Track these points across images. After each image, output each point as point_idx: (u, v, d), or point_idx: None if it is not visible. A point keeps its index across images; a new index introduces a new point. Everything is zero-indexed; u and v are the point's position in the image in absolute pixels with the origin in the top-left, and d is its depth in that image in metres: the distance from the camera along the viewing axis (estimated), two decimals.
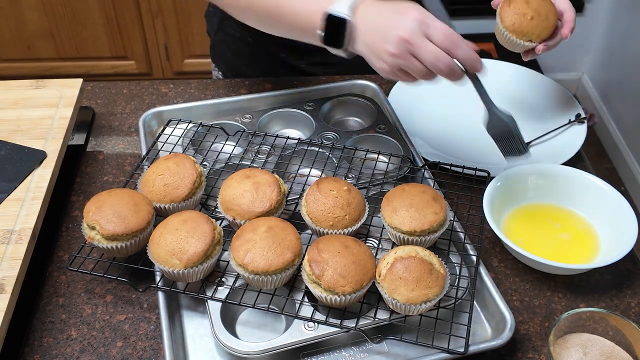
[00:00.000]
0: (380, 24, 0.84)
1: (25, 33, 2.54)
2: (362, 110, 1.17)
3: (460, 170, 1.00)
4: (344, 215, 0.86)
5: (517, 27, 0.99)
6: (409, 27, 0.81)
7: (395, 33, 0.82)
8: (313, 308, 0.80)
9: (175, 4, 2.46)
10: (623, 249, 0.87)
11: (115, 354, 0.82)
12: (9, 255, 0.86)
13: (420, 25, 0.81)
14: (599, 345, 0.77)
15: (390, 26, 0.82)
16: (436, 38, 0.81)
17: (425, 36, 0.81)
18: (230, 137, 1.07)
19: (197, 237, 0.81)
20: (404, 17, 0.82)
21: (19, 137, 1.04)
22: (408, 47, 0.82)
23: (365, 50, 0.87)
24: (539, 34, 0.99)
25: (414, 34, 0.81)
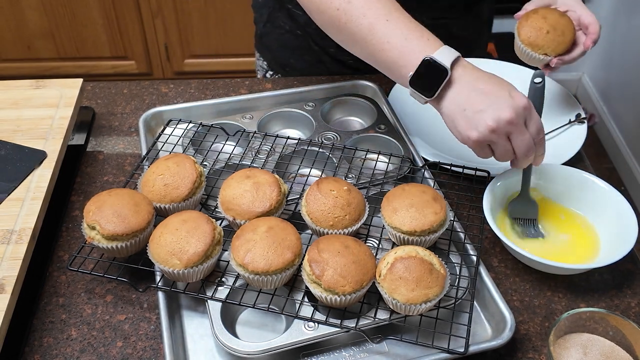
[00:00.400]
0: (488, 95, 0.84)
1: (25, 33, 2.54)
2: (363, 110, 1.17)
3: (461, 170, 1.00)
4: (344, 215, 0.86)
5: (533, 40, 1.03)
6: (516, 111, 0.82)
7: (501, 111, 0.82)
8: (313, 308, 0.80)
9: (175, 4, 2.46)
10: (623, 249, 0.87)
11: (115, 354, 0.82)
12: (9, 255, 0.86)
13: (525, 111, 0.83)
14: (599, 345, 0.77)
15: (499, 102, 0.83)
16: (532, 130, 0.85)
17: (525, 124, 0.84)
18: (231, 137, 1.07)
19: (197, 237, 0.81)
20: (513, 98, 0.83)
21: (19, 137, 1.04)
22: (509, 129, 0.83)
23: (456, 111, 0.86)
24: (554, 48, 1.02)
25: (519, 119, 0.83)
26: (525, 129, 0.84)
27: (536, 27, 1.03)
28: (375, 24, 0.91)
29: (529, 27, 1.04)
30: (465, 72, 0.85)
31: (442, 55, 0.85)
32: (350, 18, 0.92)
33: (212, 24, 2.53)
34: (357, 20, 0.92)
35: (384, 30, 0.90)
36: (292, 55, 1.33)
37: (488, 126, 0.83)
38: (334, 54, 1.28)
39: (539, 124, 0.85)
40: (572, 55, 1.04)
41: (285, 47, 1.33)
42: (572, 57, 1.04)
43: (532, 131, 0.85)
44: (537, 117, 0.85)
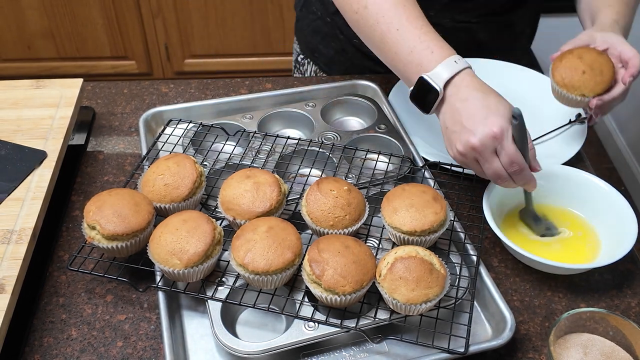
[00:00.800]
0: (461, 117, 0.86)
1: (25, 33, 2.54)
2: (363, 110, 1.17)
3: (461, 170, 1.00)
4: (344, 215, 0.86)
5: (568, 81, 0.98)
6: (481, 140, 0.83)
7: (469, 136, 0.84)
8: (313, 308, 0.80)
9: (175, 4, 2.46)
10: (623, 248, 0.87)
11: (115, 353, 0.82)
12: (9, 255, 0.86)
13: (494, 141, 0.83)
14: (599, 346, 0.77)
15: (468, 127, 0.85)
16: (503, 160, 0.85)
17: (495, 152, 0.84)
18: (231, 137, 1.07)
19: (197, 237, 0.81)
20: (487, 125, 0.83)
21: (19, 137, 1.04)
22: (474, 154, 0.85)
23: (443, 126, 0.90)
24: (592, 89, 0.97)
25: (483, 147, 0.84)
26: (493, 156, 0.85)
27: (571, 68, 0.98)
28: (386, 33, 0.92)
29: (564, 68, 0.99)
30: (458, 90, 0.87)
31: (438, 72, 0.87)
32: (366, 23, 0.95)
33: (213, 24, 2.53)
34: (371, 27, 0.94)
35: (394, 39, 0.92)
36: (321, 42, 1.34)
37: (457, 149, 0.87)
38: (358, 45, 1.29)
39: (511, 156, 0.83)
40: (612, 94, 0.97)
41: (316, 32, 1.34)
42: (612, 97, 0.97)
43: (503, 162, 0.85)
44: (511, 149, 0.83)
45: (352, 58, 1.32)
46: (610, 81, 0.96)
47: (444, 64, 0.87)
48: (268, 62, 2.66)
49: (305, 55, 1.41)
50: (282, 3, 2.47)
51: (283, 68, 2.64)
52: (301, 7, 1.37)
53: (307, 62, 1.41)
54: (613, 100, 0.97)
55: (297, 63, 1.45)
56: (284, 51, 2.62)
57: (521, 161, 0.84)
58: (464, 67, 0.88)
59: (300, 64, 1.44)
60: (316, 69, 1.40)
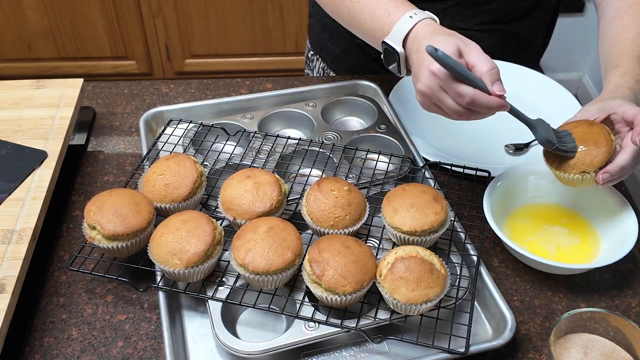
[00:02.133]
0: (414, 67, 0.86)
1: (25, 33, 2.53)
2: (363, 110, 1.17)
3: (461, 170, 1.00)
4: (344, 215, 0.86)
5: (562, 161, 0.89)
6: (425, 82, 0.83)
7: (416, 85, 0.85)
8: (314, 308, 0.80)
9: (176, 4, 2.46)
10: (623, 248, 0.87)
11: (115, 353, 0.82)
12: (9, 255, 0.86)
13: (435, 80, 0.82)
14: (600, 346, 0.77)
15: (416, 75, 0.85)
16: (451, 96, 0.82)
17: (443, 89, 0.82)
18: (231, 137, 1.07)
19: (197, 237, 0.81)
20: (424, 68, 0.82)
21: (19, 137, 1.04)
22: (430, 99, 0.84)
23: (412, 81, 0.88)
24: (590, 163, 0.86)
25: (431, 90, 0.83)
26: (444, 96, 0.82)
27: None
28: (351, 8, 0.94)
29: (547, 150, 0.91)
30: (414, 43, 0.87)
31: (395, 33, 0.88)
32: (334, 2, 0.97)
33: (213, 24, 2.53)
34: (338, 5, 0.96)
35: (358, 12, 0.93)
36: (329, 39, 1.35)
37: (417, 96, 0.87)
38: (361, 45, 1.29)
39: (454, 89, 0.80)
40: (619, 164, 0.86)
41: (325, 30, 1.35)
42: (619, 166, 0.86)
43: (452, 97, 0.82)
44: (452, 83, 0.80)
45: (356, 57, 1.32)
46: (609, 150, 0.86)
47: (399, 23, 0.88)
48: (268, 62, 2.66)
49: (315, 52, 1.42)
50: (282, 3, 2.47)
51: (283, 68, 2.64)
52: (313, 4, 1.38)
53: (316, 58, 1.41)
54: (622, 169, 0.86)
55: (307, 59, 1.46)
56: (284, 51, 2.62)
57: (467, 91, 0.80)
58: (421, 18, 0.87)
59: (310, 60, 1.45)
60: (324, 66, 1.40)
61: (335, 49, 1.35)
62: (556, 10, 1.31)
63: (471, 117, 0.84)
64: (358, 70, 1.32)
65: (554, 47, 1.43)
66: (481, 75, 0.80)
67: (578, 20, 2.65)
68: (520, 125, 1.16)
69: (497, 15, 1.20)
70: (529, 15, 1.23)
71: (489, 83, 0.80)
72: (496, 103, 0.81)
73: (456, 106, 0.82)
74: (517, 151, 1.11)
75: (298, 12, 2.49)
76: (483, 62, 0.81)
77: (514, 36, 1.26)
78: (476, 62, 0.81)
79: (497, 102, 0.81)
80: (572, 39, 2.64)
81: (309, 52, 1.45)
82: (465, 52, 0.82)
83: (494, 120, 1.18)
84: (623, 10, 1.03)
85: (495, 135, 1.15)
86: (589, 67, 2.93)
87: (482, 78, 0.80)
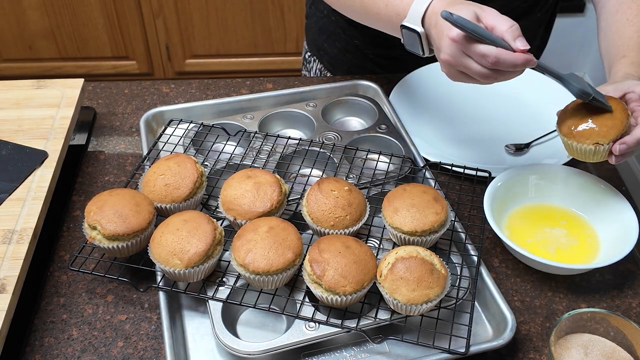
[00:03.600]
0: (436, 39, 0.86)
1: (26, 33, 2.54)
2: (363, 111, 1.17)
3: (462, 170, 1.00)
4: (344, 216, 0.86)
5: (577, 131, 0.88)
6: (446, 50, 0.83)
7: (439, 56, 0.85)
8: (314, 308, 0.80)
9: (176, 4, 2.46)
10: (624, 249, 0.87)
11: (116, 353, 0.82)
12: (10, 255, 0.86)
13: (457, 46, 0.82)
14: (600, 346, 0.77)
15: (439, 45, 0.85)
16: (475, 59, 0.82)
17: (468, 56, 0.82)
18: (232, 137, 1.07)
19: (198, 237, 0.81)
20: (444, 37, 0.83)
21: (20, 137, 1.04)
22: (455, 68, 0.85)
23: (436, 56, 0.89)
24: (605, 134, 0.85)
25: (454, 57, 0.83)
26: (468, 60, 0.82)
27: (577, 116, 0.88)
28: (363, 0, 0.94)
29: (570, 118, 0.90)
30: (431, 19, 0.87)
31: (412, 13, 0.88)
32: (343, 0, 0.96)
33: (213, 24, 2.53)
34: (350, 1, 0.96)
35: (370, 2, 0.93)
36: (326, 40, 1.35)
37: (442, 68, 0.87)
38: (359, 46, 1.30)
39: (477, 51, 0.80)
40: (637, 135, 0.85)
41: (322, 31, 1.35)
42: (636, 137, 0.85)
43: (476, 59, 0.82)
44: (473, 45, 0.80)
45: (354, 58, 1.32)
46: (625, 123, 0.85)
47: (415, 3, 0.88)
48: (269, 62, 2.66)
49: (312, 53, 1.42)
50: (282, 3, 2.47)
51: (284, 68, 2.64)
52: (311, 4, 1.38)
53: (314, 59, 1.41)
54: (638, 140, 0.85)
55: (304, 60, 1.46)
56: (285, 51, 2.62)
57: (490, 50, 0.79)
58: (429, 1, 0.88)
59: (307, 61, 1.44)
60: (321, 67, 1.40)
61: (332, 50, 1.35)
62: (554, 10, 1.31)
63: (499, 78, 0.83)
64: (355, 71, 1.32)
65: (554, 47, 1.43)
66: (502, 34, 0.80)
67: (578, 20, 2.65)
68: (520, 125, 1.17)
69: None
70: (527, 15, 1.23)
71: (510, 40, 0.80)
72: (522, 58, 0.80)
73: (482, 69, 0.82)
74: (517, 151, 1.11)
75: (299, 12, 2.49)
76: (502, 21, 0.81)
77: None
78: (495, 23, 0.81)
79: (523, 58, 0.80)
80: (573, 39, 2.64)
81: (306, 53, 1.45)
82: (483, 16, 0.82)
83: (495, 121, 1.18)
84: (625, 5, 1.03)
85: (496, 136, 1.15)
86: (589, 67, 2.93)
87: (504, 36, 0.80)
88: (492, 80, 0.84)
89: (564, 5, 1.32)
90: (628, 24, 1.01)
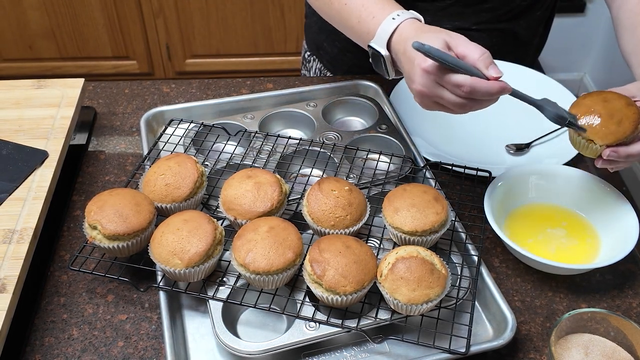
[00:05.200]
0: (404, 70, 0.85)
1: (26, 33, 2.54)
2: (364, 110, 1.17)
3: (462, 170, 1.00)
4: (345, 215, 0.86)
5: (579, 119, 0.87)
6: (419, 81, 0.82)
7: (412, 87, 0.84)
8: (314, 308, 0.80)
9: (176, 4, 2.46)
10: (624, 249, 0.87)
11: (116, 353, 0.82)
12: (10, 255, 0.86)
13: (429, 76, 0.81)
14: (601, 346, 0.77)
15: (409, 77, 0.84)
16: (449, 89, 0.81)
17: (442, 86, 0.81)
18: (232, 137, 1.07)
19: (198, 236, 0.81)
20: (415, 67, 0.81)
21: (20, 136, 1.04)
22: (429, 98, 0.83)
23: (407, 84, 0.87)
24: (602, 137, 0.84)
25: (428, 88, 0.82)
26: (442, 91, 0.81)
27: (588, 107, 0.86)
28: (339, 10, 0.95)
29: (581, 105, 0.88)
30: (399, 45, 0.85)
31: (380, 35, 0.87)
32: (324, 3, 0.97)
33: (214, 23, 2.53)
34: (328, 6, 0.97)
35: (346, 14, 0.94)
36: (326, 39, 1.35)
37: (415, 98, 0.85)
38: (359, 45, 1.29)
39: (451, 81, 0.79)
40: (630, 150, 0.84)
41: (322, 30, 1.35)
42: (628, 152, 0.84)
43: (450, 90, 0.80)
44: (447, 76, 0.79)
45: (354, 58, 1.32)
46: (626, 134, 0.84)
47: (382, 26, 0.87)
48: (269, 62, 2.66)
49: (312, 52, 1.42)
50: (283, 3, 2.47)
51: (284, 68, 2.64)
52: (308, 5, 1.37)
53: (313, 59, 1.41)
54: (629, 156, 0.84)
55: (304, 60, 1.46)
56: (285, 51, 2.62)
57: (464, 80, 0.78)
58: (404, 19, 0.86)
59: (307, 61, 1.44)
60: (321, 67, 1.40)
61: (332, 50, 1.35)
62: (553, 9, 1.31)
63: (474, 107, 0.82)
64: (355, 70, 1.32)
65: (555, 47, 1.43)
66: (474, 62, 0.79)
67: (579, 20, 2.65)
68: (521, 125, 1.17)
69: (495, 13, 1.20)
70: (526, 13, 1.23)
71: (483, 68, 0.79)
72: (497, 86, 0.79)
73: (456, 98, 0.81)
74: (518, 151, 1.11)
75: (299, 11, 2.49)
76: (473, 49, 0.80)
77: (512, 35, 1.26)
78: (466, 51, 0.80)
79: (498, 86, 0.79)
80: (573, 39, 2.64)
81: (306, 53, 1.44)
82: (453, 44, 0.81)
83: (495, 121, 1.18)
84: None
85: (496, 136, 1.15)
86: (590, 67, 2.93)
87: (476, 65, 0.79)
88: (467, 109, 0.82)
89: (564, 5, 1.32)
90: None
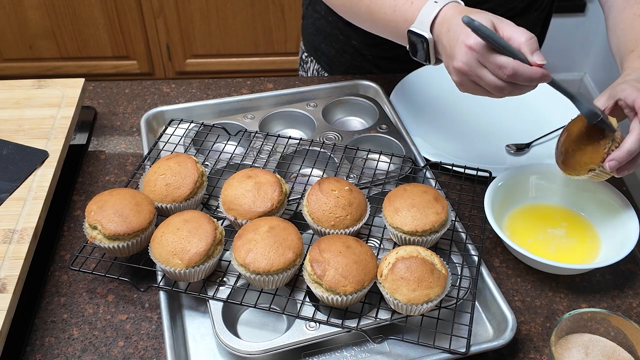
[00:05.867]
0: (446, 49, 0.84)
1: (27, 33, 2.54)
2: (364, 110, 1.17)
3: (462, 170, 1.00)
4: (345, 215, 0.86)
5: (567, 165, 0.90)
6: (461, 58, 0.81)
7: (452, 64, 0.82)
8: (314, 308, 0.80)
9: (177, 4, 2.46)
10: (624, 249, 0.87)
11: (116, 353, 0.82)
12: (10, 255, 0.86)
13: (472, 54, 0.79)
14: (601, 346, 0.77)
15: (450, 55, 0.83)
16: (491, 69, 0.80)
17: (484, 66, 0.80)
18: (232, 137, 1.07)
19: (198, 236, 0.81)
20: (459, 45, 0.80)
21: (21, 136, 1.04)
22: (468, 77, 0.82)
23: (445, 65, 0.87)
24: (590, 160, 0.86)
25: (469, 66, 0.81)
26: (483, 71, 0.80)
27: (565, 152, 0.89)
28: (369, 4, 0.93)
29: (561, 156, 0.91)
30: (442, 26, 0.85)
31: (421, 19, 0.86)
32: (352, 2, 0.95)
33: (214, 23, 2.53)
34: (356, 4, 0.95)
35: (377, 6, 0.92)
36: (323, 41, 1.35)
37: (454, 81, 0.85)
38: (357, 47, 1.30)
39: (494, 61, 0.78)
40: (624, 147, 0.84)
41: (319, 31, 1.35)
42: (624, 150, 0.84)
43: (492, 70, 0.79)
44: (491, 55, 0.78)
45: (351, 59, 1.32)
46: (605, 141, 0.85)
47: (424, 9, 0.86)
48: (269, 62, 2.66)
49: (309, 53, 1.41)
50: (283, 3, 2.47)
51: (285, 68, 2.64)
52: (307, 5, 1.38)
53: (310, 60, 1.41)
54: (629, 152, 0.84)
55: (301, 61, 1.46)
56: (286, 51, 2.62)
57: (508, 62, 0.77)
58: (447, 2, 0.86)
59: (304, 62, 1.44)
60: (318, 68, 1.40)
61: (330, 51, 1.35)
62: (550, 9, 1.31)
63: (513, 92, 0.81)
64: (353, 71, 1.32)
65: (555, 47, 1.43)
66: (519, 45, 0.78)
67: (579, 20, 2.65)
68: (521, 125, 1.17)
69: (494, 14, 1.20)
70: (524, 14, 1.23)
71: (528, 53, 0.78)
72: (539, 73, 0.78)
73: (497, 80, 0.80)
74: (518, 151, 1.11)
75: (299, 12, 2.49)
76: (519, 33, 0.79)
77: None
78: (512, 34, 0.79)
79: (540, 72, 0.78)
80: (573, 39, 2.64)
81: (303, 54, 1.44)
82: (500, 26, 0.80)
83: (495, 121, 1.18)
84: (633, 0, 1.02)
85: (497, 136, 1.15)
86: (590, 67, 2.93)
87: (521, 48, 0.78)
88: (506, 93, 0.81)
89: (564, 5, 1.32)
90: (635, 19, 1.00)
